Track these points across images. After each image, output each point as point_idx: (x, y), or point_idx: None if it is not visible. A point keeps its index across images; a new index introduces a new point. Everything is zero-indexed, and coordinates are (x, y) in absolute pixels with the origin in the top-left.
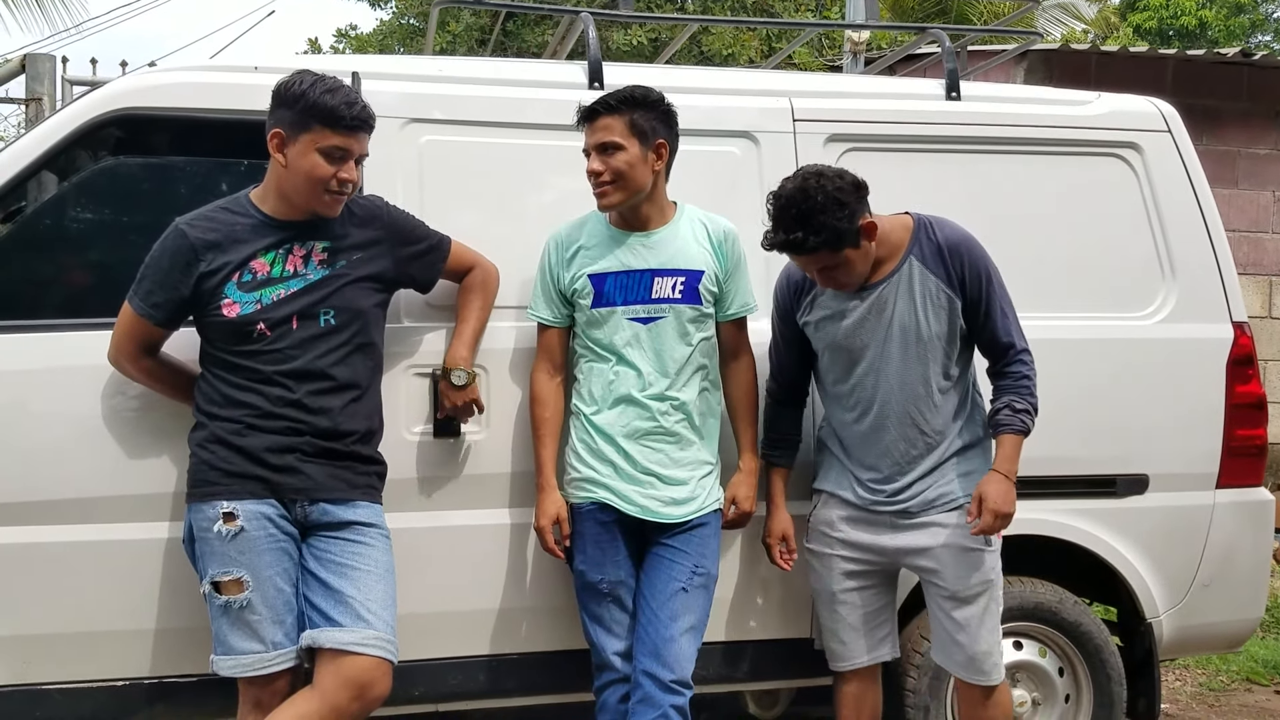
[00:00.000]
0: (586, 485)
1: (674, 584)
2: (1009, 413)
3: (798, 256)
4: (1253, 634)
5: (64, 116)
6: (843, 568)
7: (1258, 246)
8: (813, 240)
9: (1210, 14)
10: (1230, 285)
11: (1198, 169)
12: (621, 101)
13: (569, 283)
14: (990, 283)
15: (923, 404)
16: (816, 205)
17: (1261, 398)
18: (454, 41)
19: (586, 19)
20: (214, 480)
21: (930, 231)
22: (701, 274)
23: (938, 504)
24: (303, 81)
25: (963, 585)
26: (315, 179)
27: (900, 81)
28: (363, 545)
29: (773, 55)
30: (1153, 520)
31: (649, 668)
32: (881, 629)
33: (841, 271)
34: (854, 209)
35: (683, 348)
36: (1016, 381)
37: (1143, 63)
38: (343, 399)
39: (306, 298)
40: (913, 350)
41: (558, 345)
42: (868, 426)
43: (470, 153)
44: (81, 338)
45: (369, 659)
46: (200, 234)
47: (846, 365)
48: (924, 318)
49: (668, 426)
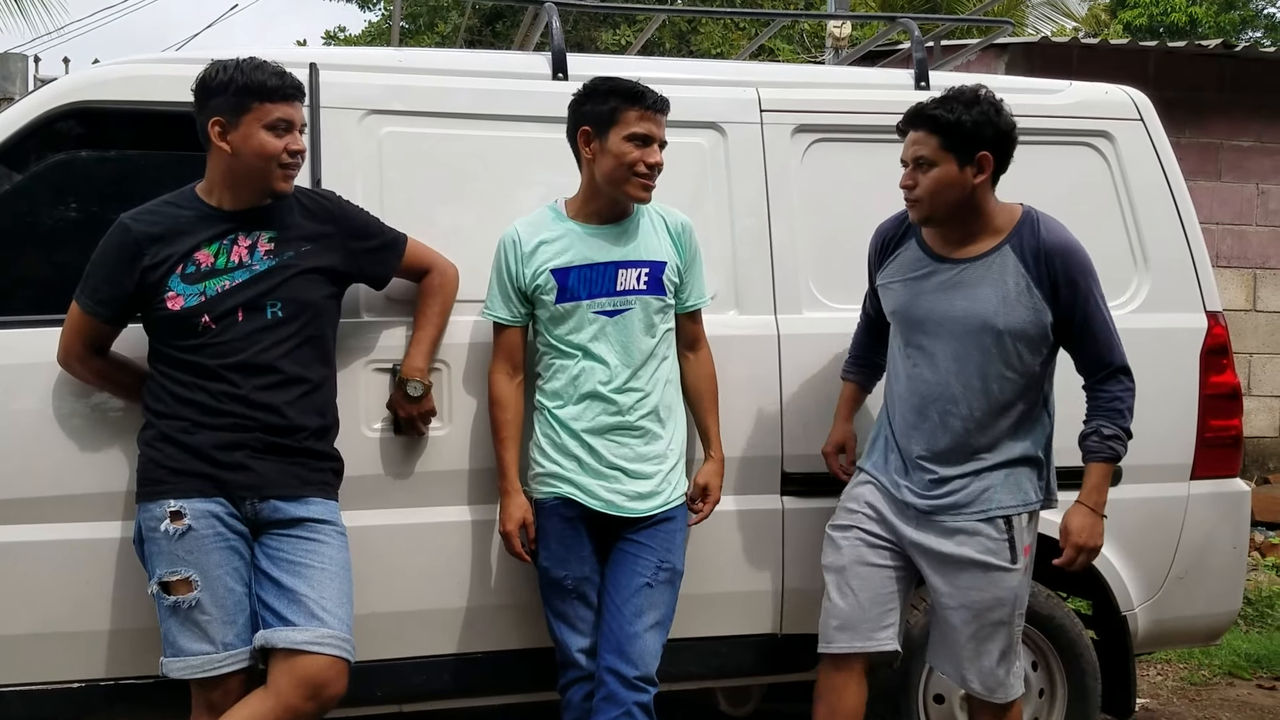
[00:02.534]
0: (551, 480)
1: (638, 579)
2: (1097, 439)
3: (915, 129)
4: (1230, 627)
5: (18, 110)
6: (864, 539)
7: (1241, 239)
8: (943, 117)
9: (1200, 10)
10: (1204, 275)
11: (1171, 158)
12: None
13: (530, 279)
14: (1088, 295)
15: (974, 397)
16: (978, 99)
17: (1235, 388)
18: (443, 43)
19: (550, 9)
20: (161, 479)
21: (1035, 227)
22: (664, 265)
23: (967, 510)
24: (226, 67)
25: (974, 600)
26: (267, 155)
27: (869, 71)
28: (316, 542)
29: (765, 56)
30: (1127, 512)
31: (612, 664)
32: (888, 616)
33: (928, 179)
34: (996, 134)
35: (647, 340)
36: (1108, 404)
37: (1125, 56)
38: (292, 393)
39: (252, 289)
40: (978, 339)
41: (517, 345)
42: (913, 406)
43: (432, 145)
44: (32, 335)
45: (324, 658)
46: (144, 228)
47: (907, 335)
48: (1002, 310)
49: (633, 421)
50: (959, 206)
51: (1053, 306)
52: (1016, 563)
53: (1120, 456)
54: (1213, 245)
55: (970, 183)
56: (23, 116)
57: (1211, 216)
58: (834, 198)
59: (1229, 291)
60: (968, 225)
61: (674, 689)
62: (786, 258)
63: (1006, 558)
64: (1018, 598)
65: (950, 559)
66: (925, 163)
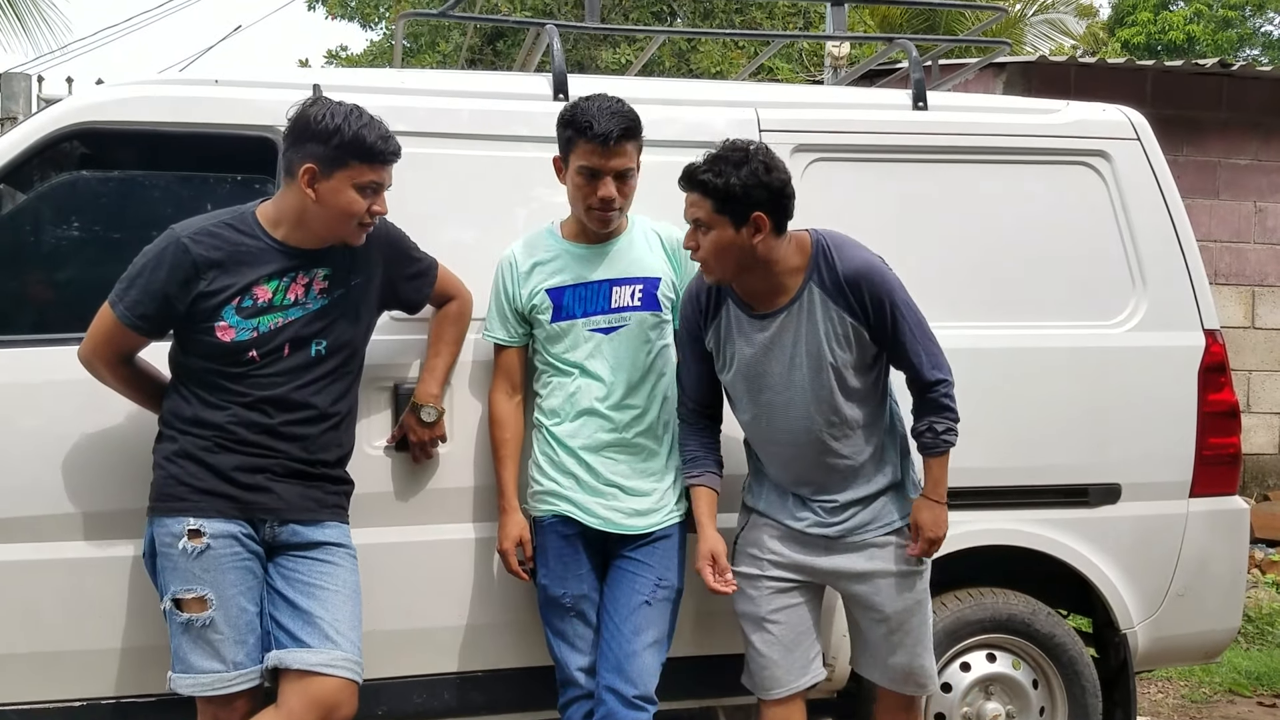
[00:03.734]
0: (548, 498)
1: (637, 597)
2: (931, 435)
3: (690, 191)
4: (1230, 644)
5: (23, 131)
6: (773, 587)
7: (1239, 257)
8: (711, 182)
9: (1198, 29)
10: (1202, 293)
11: (1168, 177)
12: (634, 126)
13: (526, 299)
14: (896, 311)
15: (835, 431)
16: (745, 157)
17: (1234, 406)
18: (444, 62)
19: (551, 31)
20: (181, 495)
21: (830, 256)
22: (659, 280)
23: (871, 527)
24: (335, 114)
25: (898, 607)
26: (350, 214)
27: (867, 91)
28: (331, 565)
29: (765, 76)
30: (1126, 530)
31: (612, 683)
32: (811, 649)
33: (708, 242)
34: (768, 194)
35: (643, 356)
36: (937, 401)
37: (1122, 75)
38: (320, 427)
39: (302, 327)
40: (816, 378)
41: (516, 364)
42: (782, 454)
43: (434, 165)
44: (36, 354)
45: (336, 680)
46: (204, 251)
47: (753, 393)
48: (829, 347)
49: (629, 438)
50: (745, 264)
51: (867, 329)
52: (923, 563)
53: (953, 445)
54: (1211, 263)
55: (749, 243)
56: (27, 137)
57: (1209, 235)
58: (832, 217)
59: (1227, 309)
60: (766, 278)
61: (676, 708)
62: None
63: (914, 561)
64: (928, 594)
65: (867, 575)
66: (702, 226)
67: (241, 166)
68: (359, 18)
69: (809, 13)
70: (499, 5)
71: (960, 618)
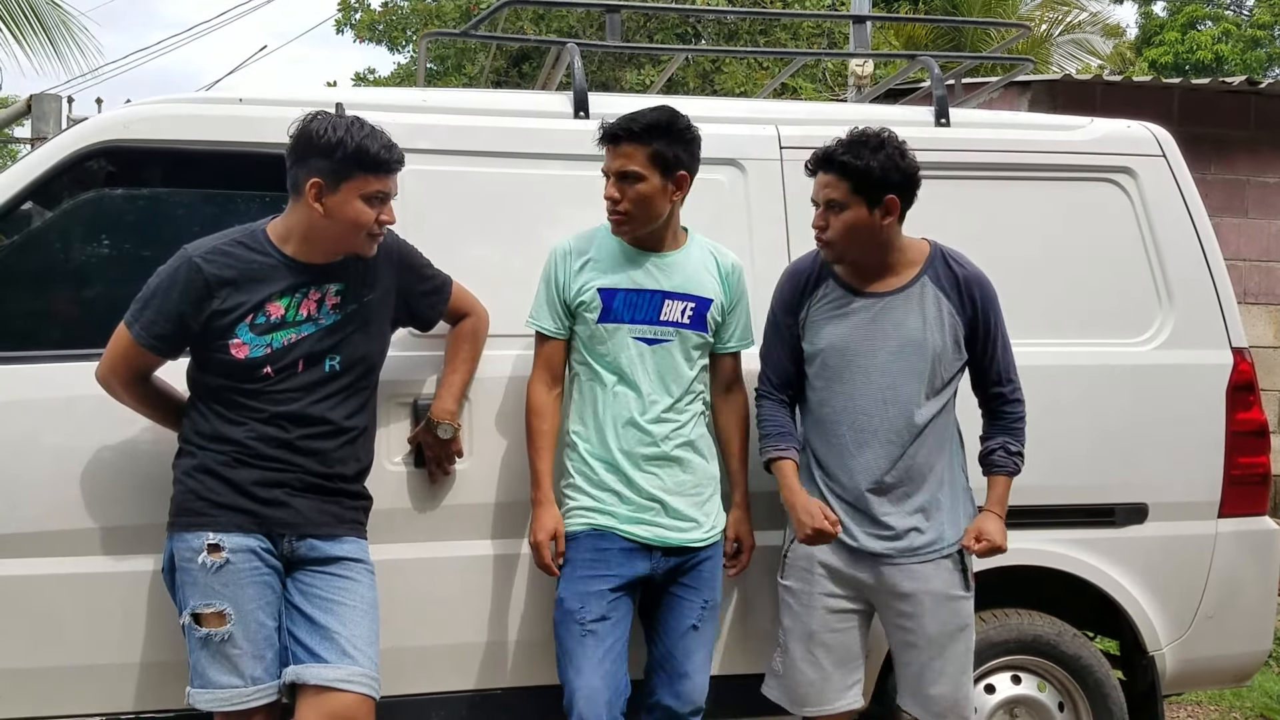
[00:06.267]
0: (586, 513)
1: (686, 622)
2: (1004, 454)
3: (826, 173)
4: (1261, 667)
5: (49, 149)
6: (825, 604)
7: (1269, 275)
8: (851, 163)
9: (1227, 48)
10: (1229, 311)
11: (1193, 193)
12: (646, 129)
13: (575, 294)
14: (999, 321)
15: (907, 420)
16: (881, 142)
17: (1263, 425)
18: (470, 84)
19: (573, 49)
20: (201, 510)
21: (949, 261)
22: (711, 302)
23: (924, 551)
24: (337, 128)
25: (939, 630)
26: (360, 225)
27: (888, 109)
28: (349, 580)
29: (789, 95)
30: (1153, 550)
31: (666, 701)
32: (855, 673)
33: (839, 222)
34: (902, 178)
35: (685, 373)
36: (1012, 423)
37: (1148, 93)
38: (337, 441)
39: (315, 343)
40: (908, 363)
41: (558, 358)
42: (853, 440)
43: (456, 182)
44: (61, 369)
45: (353, 695)
46: (216, 270)
47: (841, 369)
48: (930, 334)
49: (668, 451)
50: (870, 246)
51: (968, 332)
52: (969, 590)
53: (1020, 471)
54: (1240, 282)
55: (879, 224)
56: (53, 155)
57: (1238, 253)
58: None
59: (1257, 328)
60: (881, 261)
61: None
62: None
63: (961, 587)
64: (972, 620)
65: (912, 594)
66: (836, 205)
67: (265, 184)
68: (386, 40)
69: (834, 33)
70: (524, 27)
71: (985, 639)
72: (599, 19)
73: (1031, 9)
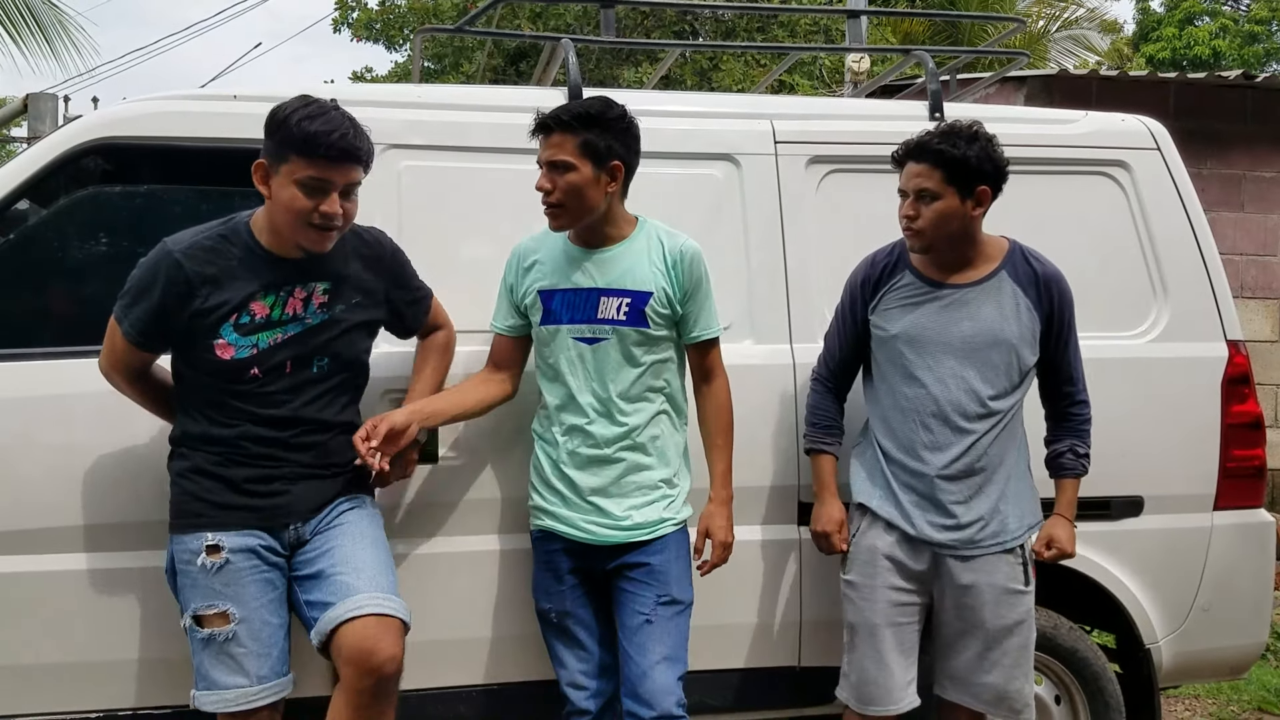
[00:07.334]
0: (537, 514)
1: (638, 617)
2: (1073, 457)
3: (918, 163)
4: (1257, 660)
5: (45, 146)
6: (890, 598)
7: (1266, 269)
8: (948, 152)
9: (1224, 44)
10: (1224, 303)
11: (1189, 187)
12: (576, 118)
13: (521, 296)
14: (1073, 322)
15: (982, 412)
16: (974, 134)
17: (1258, 417)
18: (467, 82)
19: (567, 45)
20: (198, 511)
21: (1029, 258)
22: (649, 295)
23: (986, 543)
24: (285, 108)
25: (997, 624)
26: (294, 212)
27: (883, 103)
28: (339, 526)
29: (785, 92)
30: (1149, 543)
31: (630, 707)
32: (911, 669)
33: (931, 211)
34: (995, 169)
35: (628, 370)
36: (1080, 425)
37: (1145, 88)
38: (330, 434)
39: (302, 344)
40: (983, 354)
41: (504, 353)
42: (920, 423)
43: (449, 178)
44: (56, 367)
45: (361, 620)
46: (198, 267)
47: (915, 357)
48: (1006, 325)
49: (610, 454)
50: (957, 237)
51: (1044, 328)
52: (1029, 584)
53: (1087, 473)
54: (1237, 276)
55: (969, 214)
56: (48, 153)
57: (1235, 248)
58: (848, 228)
59: (1254, 323)
60: (963, 253)
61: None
62: (801, 287)
63: (1022, 581)
64: (1032, 616)
65: (972, 589)
66: (929, 195)
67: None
68: (384, 39)
69: (831, 31)
70: (521, 24)
71: None
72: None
73: (1029, 5)
